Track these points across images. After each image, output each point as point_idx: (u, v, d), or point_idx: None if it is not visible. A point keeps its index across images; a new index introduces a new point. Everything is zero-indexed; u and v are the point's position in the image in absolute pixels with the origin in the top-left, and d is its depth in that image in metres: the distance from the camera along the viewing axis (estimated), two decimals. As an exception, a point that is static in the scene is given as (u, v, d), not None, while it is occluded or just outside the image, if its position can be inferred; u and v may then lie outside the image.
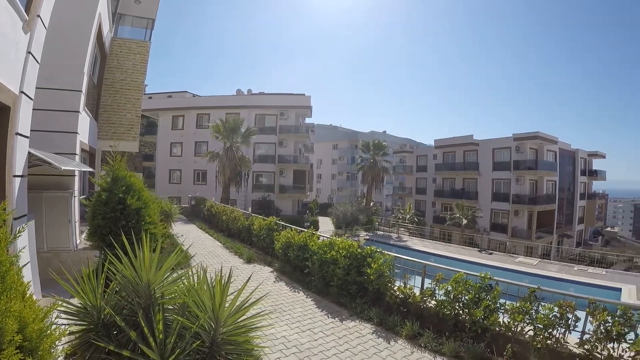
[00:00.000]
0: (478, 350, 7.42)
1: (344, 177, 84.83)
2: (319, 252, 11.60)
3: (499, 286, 8.23)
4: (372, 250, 10.58)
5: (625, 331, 6.63)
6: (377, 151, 47.26)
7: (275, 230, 16.03)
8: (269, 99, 51.01)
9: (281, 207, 46.67)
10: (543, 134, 46.02)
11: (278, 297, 10.80)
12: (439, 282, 8.93)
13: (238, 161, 34.56)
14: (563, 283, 20.66)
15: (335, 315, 9.56)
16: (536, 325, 7.23)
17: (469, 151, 52.17)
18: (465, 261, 24.37)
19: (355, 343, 8.07)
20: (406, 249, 28.13)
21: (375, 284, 9.80)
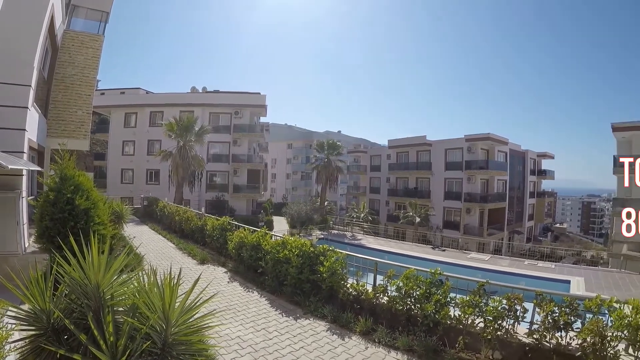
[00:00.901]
0: (430, 344, 7.62)
1: (298, 176, 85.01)
2: (272, 251, 11.62)
3: (449, 281, 8.51)
4: (325, 248, 10.69)
5: (572, 320, 7.02)
6: (332, 151, 47.52)
7: (229, 230, 15.92)
8: (224, 97, 50.46)
9: (235, 207, 46.38)
10: (494, 135, 48.12)
11: (232, 298, 10.75)
12: (390, 278, 9.08)
13: (191, 160, 34.06)
14: (514, 277, 21.34)
15: (290, 313, 9.61)
16: (486, 317, 7.48)
17: (422, 151, 53.57)
18: (419, 258, 24.74)
19: (309, 341, 8.13)
20: (361, 247, 28.36)
21: (328, 282, 9.91)
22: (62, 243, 6.65)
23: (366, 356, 7.56)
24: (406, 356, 7.59)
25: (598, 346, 6.54)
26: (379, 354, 7.65)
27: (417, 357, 7.54)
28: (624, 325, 6.57)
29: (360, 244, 30.20)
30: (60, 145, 9.24)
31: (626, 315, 6.65)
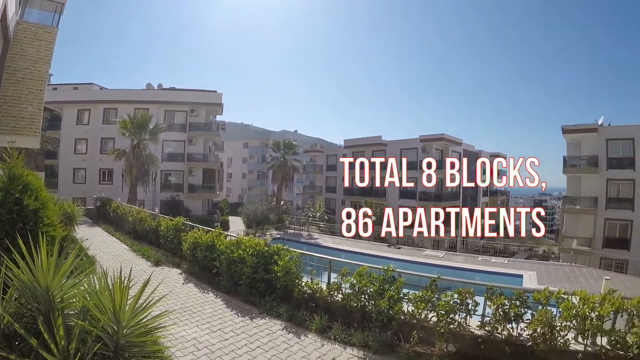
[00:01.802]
0: (385, 339, 7.79)
1: (254, 176, 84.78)
2: (227, 251, 11.58)
3: (401, 277, 8.66)
4: (279, 247, 10.76)
5: (522, 312, 7.32)
6: (288, 150, 47.72)
7: (183, 231, 15.70)
8: (180, 95, 49.77)
9: (191, 207, 45.81)
10: (448, 135, 49.74)
11: (187, 299, 10.69)
12: (344, 276, 9.22)
13: (145, 159, 33.51)
14: (469, 272, 21.91)
15: (246, 313, 9.61)
16: (439, 311, 7.67)
17: (377, 151, 53.70)
18: (375, 256, 24.97)
19: (266, 340, 8.17)
20: (317, 246, 28.61)
21: (283, 281, 9.97)
22: (11, 245, 6.51)
23: (322, 353, 7.65)
24: (362, 352, 7.71)
25: (548, 336, 6.89)
26: (335, 351, 7.75)
27: (373, 352, 7.66)
28: (572, 316, 6.97)
29: (317, 243, 30.48)
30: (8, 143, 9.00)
31: (574, 306, 7.02)
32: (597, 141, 36.89)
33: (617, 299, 7.04)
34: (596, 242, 35.94)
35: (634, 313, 6.88)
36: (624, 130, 36.61)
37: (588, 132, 37.76)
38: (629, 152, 35.72)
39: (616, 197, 36.44)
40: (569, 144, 40.36)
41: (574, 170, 38.84)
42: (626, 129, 36.38)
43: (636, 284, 16.19)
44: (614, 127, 38.24)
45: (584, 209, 37.58)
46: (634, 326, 6.79)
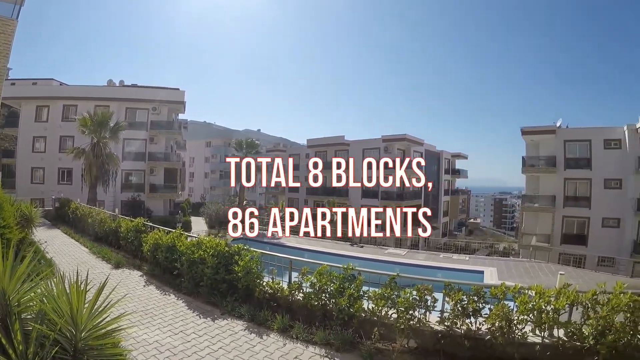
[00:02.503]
0: (347, 336, 7.93)
1: (217, 175, 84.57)
2: (187, 252, 11.56)
3: (361, 276, 8.84)
4: (239, 247, 10.82)
5: (480, 307, 7.57)
6: (250, 150, 47.54)
7: (144, 232, 15.61)
8: (141, 92, 49.06)
9: (152, 208, 45.52)
10: (410, 136, 50.95)
11: (148, 301, 10.64)
12: (304, 275, 9.33)
13: (105, 158, 32.79)
14: (431, 270, 22.37)
15: (207, 315, 9.64)
16: (398, 308, 7.87)
17: (340, 151, 54.66)
18: (339, 255, 25.16)
19: (228, 341, 8.21)
20: (281, 246, 28.56)
21: (244, 281, 10.02)
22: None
23: (284, 352, 7.75)
24: (324, 350, 7.84)
25: (506, 329, 7.15)
26: (297, 350, 7.86)
27: (335, 350, 7.80)
28: (528, 309, 7.27)
29: (280, 242, 30.46)
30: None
31: (530, 300, 7.31)
32: (555, 142, 39.28)
33: (572, 292, 7.37)
34: (555, 239, 38.14)
35: (588, 306, 7.22)
36: (581, 132, 39.16)
37: (546, 134, 40.03)
38: (585, 153, 38.07)
39: (573, 195, 38.65)
40: (528, 144, 42.63)
41: (533, 170, 41.12)
42: (583, 131, 38.98)
43: (593, 278, 16.68)
44: (572, 129, 40.87)
45: (542, 207, 39.81)
46: (590, 318, 7.11)
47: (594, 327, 6.96)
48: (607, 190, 36.96)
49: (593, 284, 7.59)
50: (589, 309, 7.21)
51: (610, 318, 6.87)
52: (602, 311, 6.99)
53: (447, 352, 7.64)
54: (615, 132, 37.28)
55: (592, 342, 6.93)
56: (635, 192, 35.36)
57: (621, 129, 36.95)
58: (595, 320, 7.00)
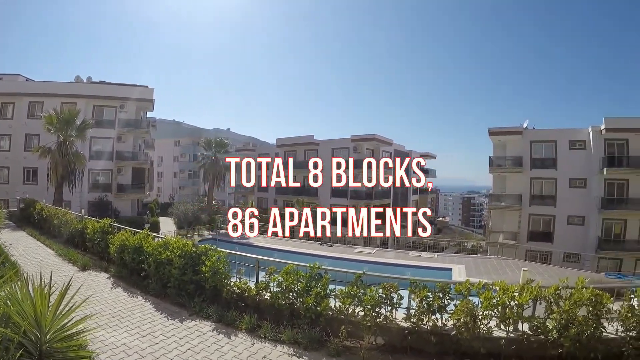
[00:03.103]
0: (314, 335, 8.06)
1: (186, 175, 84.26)
2: (154, 253, 11.49)
3: (327, 274, 9.00)
4: (206, 248, 10.85)
5: (445, 304, 7.84)
6: (219, 149, 47.77)
7: (110, 233, 15.41)
8: (109, 90, 47.96)
9: (120, 208, 45.11)
10: (379, 136, 51.91)
11: (116, 304, 10.57)
12: (271, 274, 9.41)
13: (72, 157, 32.01)
14: (400, 268, 23.02)
15: (175, 316, 9.65)
16: (365, 306, 8.03)
17: (309, 150, 55.27)
18: (308, 254, 25.43)
19: (196, 342, 8.25)
20: (249, 246, 28.86)
21: (211, 282, 10.03)
22: None
23: (253, 352, 7.82)
24: (292, 349, 7.94)
25: (471, 325, 7.36)
26: (265, 349, 7.95)
27: (303, 348, 7.92)
28: (492, 305, 7.53)
29: (249, 242, 30.61)
30: None
31: (494, 296, 7.60)
32: (521, 143, 41.45)
33: (535, 288, 7.70)
34: (521, 236, 40.23)
35: (551, 300, 7.54)
36: (546, 133, 41.64)
37: (513, 135, 42.07)
38: (551, 154, 40.39)
39: (539, 194, 40.77)
40: (495, 145, 44.58)
41: (500, 170, 43.09)
42: (549, 133, 41.46)
43: (559, 274, 17.12)
44: (538, 130, 43.24)
45: (509, 205, 41.72)
46: (553, 312, 7.43)
47: (558, 320, 7.26)
48: (572, 189, 39.23)
49: (558, 280, 7.88)
50: (552, 304, 7.53)
51: (573, 312, 7.17)
52: (564, 305, 7.30)
53: (414, 348, 7.85)
54: (580, 133, 39.57)
55: (555, 335, 7.25)
56: (599, 191, 37.63)
57: (586, 131, 39.20)
58: (558, 314, 7.30)
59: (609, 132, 37.16)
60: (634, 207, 36.19)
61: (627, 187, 37.29)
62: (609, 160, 37.02)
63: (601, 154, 37.61)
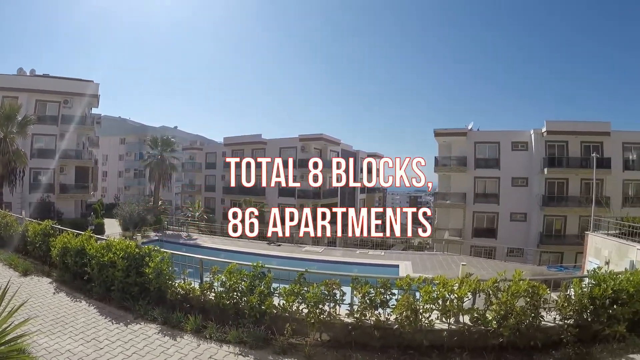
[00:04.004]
0: (260, 333, 8.25)
1: (131, 174, 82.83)
2: (97, 255, 11.28)
3: (271, 273, 9.19)
4: (150, 249, 10.82)
5: (387, 299, 8.17)
6: (165, 147, 47.35)
7: (52, 236, 14.95)
8: (53, 84, 46.24)
9: (63, 210, 43.78)
10: (327, 135, 52.99)
11: (59, 309, 10.43)
12: (215, 274, 9.54)
13: (12, 156, 30.73)
14: (347, 265, 23.61)
15: (120, 320, 9.61)
16: (308, 303, 8.28)
17: (257, 149, 55.41)
18: (255, 254, 25.69)
19: (142, 345, 8.27)
20: (196, 247, 29.15)
21: (155, 283, 10.04)
22: None
23: (199, 353, 7.93)
24: (238, 348, 8.09)
25: (412, 318, 7.71)
26: (211, 350, 8.07)
27: (249, 348, 8.08)
28: (432, 299, 7.89)
29: (196, 243, 30.85)
30: None
31: (433, 290, 7.96)
32: (466, 144, 43.93)
33: (473, 281, 8.16)
34: (466, 233, 42.83)
35: (490, 293, 7.99)
36: (490, 135, 44.54)
37: (458, 136, 44.72)
38: (494, 154, 43.33)
39: (483, 192, 43.62)
40: (440, 145, 46.97)
41: (445, 169, 45.32)
42: (492, 134, 44.42)
43: (502, 267, 17.81)
44: (482, 132, 45.74)
45: (454, 203, 44.12)
46: (492, 304, 7.90)
47: (497, 311, 7.72)
48: (515, 187, 42.35)
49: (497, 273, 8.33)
50: (491, 296, 7.99)
51: (511, 303, 7.64)
52: (502, 297, 7.75)
53: (358, 343, 8.12)
54: (522, 135, 42.92)
55: (495, 325, 7.70)
56: (540, 189, 40.92)
57: (528, 133, 42.50)
58: (497, 305, 7.76)
59: (550, 134, 41.17)
60: (573, 204, 39.65)
61: (566, 185, 40.86)
62: (549, 160, 41.13)
63: (542, 155, 40.95)
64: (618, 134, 40.24)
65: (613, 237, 19.10)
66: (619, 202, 37.16)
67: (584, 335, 7.93)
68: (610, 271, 8.50)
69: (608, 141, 40.05)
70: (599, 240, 20.27)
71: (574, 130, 40.50)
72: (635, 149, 41.06)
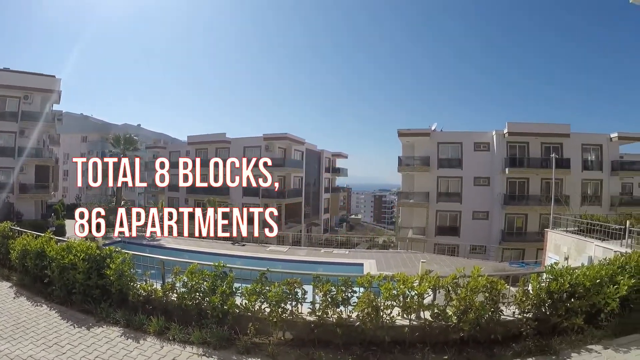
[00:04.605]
0: (223, 334, 8.35)
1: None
2: (58, 257, 11.10)
3: (232, 272, 9.36)
4: (111, 250, 10.77)
5: (348, 296, 8.39)
6: (128, 146, 46.68)
7: (11, 238, 14.72)
8: (12, 78, 44.19)
9: (23, 211, 42.71)
10: (291, 135, 53.77)
11: (20, 315, 10.34)
12: (176, 275, 9.63)
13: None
14: (312, 265, 23.96)
15: (82, 323, 9.56)
16: (270, 302, 8.46)
17: (221, 148, 56.03)
18: (219, 254, 25.59)
19: (104, 349, 8.27)
20: (159, 247, 29.12)
21: (117, 285, 10.00)
22: None
23: (162, 355, 8.01)
24: (201, 349, 8.19)
25: (373, 315, 7.93)
26: (174, 351, 8.16)
27: (212, 348, 8.19)
28: (392, 296, 8.16)
29: (160, 244, 30.85)
30: None
31: (393, 287, 8.23)
32: (429, 144, 45.49)
33: (433, 278, 8.45)
34: (430, 231, 44.16)
35: (449, 289, 8.29)
36: (453, 135, 46.46)
37: (421, 136, 46.14)
38: (457, 154, 45.02)
39: (446, 192, 45.28)
40: (404, 145, 48.54)
41: (409, 169, 46.78)
42: (455, 135, 46.34)
43: (465, 264, 18.30)
44: (445, 132, 47.48)
45: (417, 202, 45.54)
46: (452, 300, 8.21)
47: (457, 307, 8.02)
48: (477, 187, 44.18)
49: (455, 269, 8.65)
50: (451, 292, 8.29)
51: (470, 298, 7.93)
52: (462, 293, 8.03)
53: (321, 340, 8.31)
54: (484, 136, 45.05)
55: (455, 320, 8.00)
56: (502, 188, 42.79)
57: (490, 134, 44.51)
58: (457, 301, 8.06)
59: (511, 135, 43.43)
60: (533, 203, 41.45)
61: (527, 185, 43.00)
62: (510, 160, 43.12)
63: (504, 155, 42.85)
64: (577, 136, 43.92)
65: (572, 234, 20.12)
66: (578, 201, 39.33)
67: (543, 328, 8.29)
68: (567, 266, 8.90)
69: (568, 142, 43.27)
70: (558, 237, 21.28)
71: (535, 131, 42.94)
72: (593, 150, 44.15)
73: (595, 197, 43.19)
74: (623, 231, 16.57)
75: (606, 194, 43.58)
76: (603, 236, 17.89)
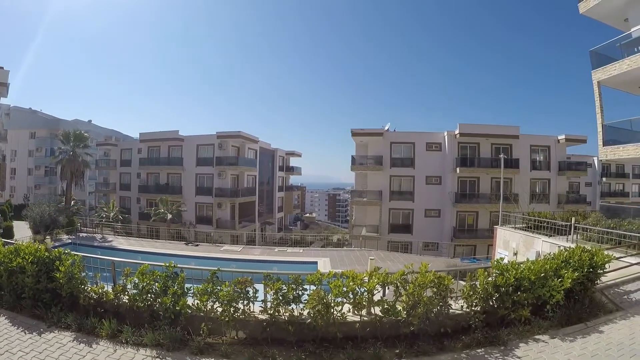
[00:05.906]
0: (176, 335, 8.51)
1: (42, 172, 79.11)
2: (5, 260, 10.84)
3: (183, 273, 9.55)
4: (60, 252, 10.73)
5: (299, 294, 8.74)
6: (78, 142, 45.94)
7: None
8: None
9: (-33, 212, 41.67)
10: (245, 133, 54.07)
11: (-33, 322, 10.36)
12: (127, 276, 9.74)
13: None
14: (267, 264, 24.39)
15: (33, 329, 9.47)
16: (222, 302, 8.73)
17: (174, 146, 56.01)
18: (173, 255, 25.85)
19: (57, 354, 8.24)
20: (112, 249, 29.36)
21: (67, 288, 9.92)
22: None
23: (115, 359, 8.11)
24: (155, 351, 8.32)
25: (324, 312, 8.29)
26: (128, 354, 8.26)
27: (166, 350, 8.34)
28: (343, 292, 8.55)
29: (112, 245, 30.93)
30: None
31: (343, 284, 8.61)
32: (382, 144, 47.21)
33: (382, 274, 8.92)
34: (383, 229, 45.96)
35: (398, 284, 8.76)
36: (406, 135, 48.59)
37: (375, 136, 47.87)
38: (409, 154, 47.20)
39: (399, 190, 47.21)
40: (357, 145, 50.25)
41: (362, 168, 48.27)
42: (408, 135, 49.81)
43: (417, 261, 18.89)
44: (398, 132, 49.69)
45: (370, 200, 47.04)
46: (401, 295, 8.69)
47: (406, 302, 8.48)
48: (429, 185, 46.36)
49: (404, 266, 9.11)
50: (400, 287, 8.76)
51: (419, 293, 8.42)
52: (410, 288, 8.51)
53: (274, 338, 8.64)
54: (436, 136, 48.68)
55: (405, 315, 8.45)
56: (453, 187, 45.14)
57: (442, 134, 47.01)
58: (406, 296, 8.53)
59: (462, 136, 46.21)
60: (483, 201, 44.10)
61: (478, 184, 45.60)
62: (461, 160, 45.94)
63: (455, 155, 45.14)
64: (526, 137, 47.73)
65: (520, 231, 21.22)
66: (527, 199, 40.69)
67: (492, 320, 8.89)
68: (512, 261, 9.51)
69: (517, 144, 46.80)
70: (507, 233, 22.30)
71: (485, 132, 45.42)
72: (542, 151, 47.40)
73: (544, 195, 45.94)
74: (569, 227, 17.71)
75: (554, 192, 46.65)
76: (550, 232, 18.94)
